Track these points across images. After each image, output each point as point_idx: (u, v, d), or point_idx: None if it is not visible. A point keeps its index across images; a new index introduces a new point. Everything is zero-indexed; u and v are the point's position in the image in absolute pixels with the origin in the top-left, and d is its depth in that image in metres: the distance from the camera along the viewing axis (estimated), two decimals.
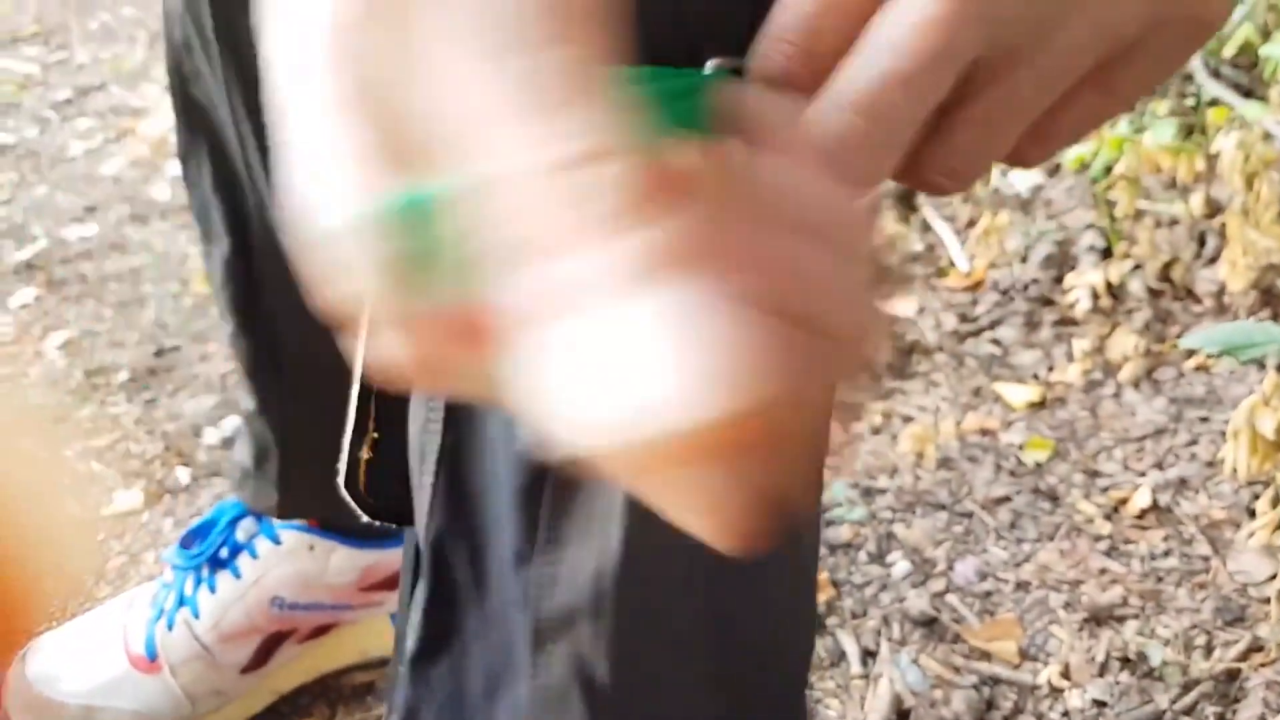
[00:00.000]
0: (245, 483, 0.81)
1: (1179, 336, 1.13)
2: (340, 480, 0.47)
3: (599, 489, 0.42)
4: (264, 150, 0.66)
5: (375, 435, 0.47)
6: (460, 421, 0.43)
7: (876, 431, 1.09)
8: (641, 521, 0.41)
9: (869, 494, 1.01)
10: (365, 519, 0.48)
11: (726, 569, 0.45)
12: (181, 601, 0.84)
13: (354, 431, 0.47)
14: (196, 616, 0.84)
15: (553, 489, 0.42)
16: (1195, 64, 1.42)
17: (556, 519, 0.42)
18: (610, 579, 0.42)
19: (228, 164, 0.69)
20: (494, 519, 0.44)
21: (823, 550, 0.95)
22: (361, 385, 0.46)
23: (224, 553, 0.85)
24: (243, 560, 0.85)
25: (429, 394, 0.44)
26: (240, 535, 0.86)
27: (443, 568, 0.46)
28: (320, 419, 0.60)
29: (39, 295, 1.52)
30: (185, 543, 0.86)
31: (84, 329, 1.42)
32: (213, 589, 0.83)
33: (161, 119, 2.11)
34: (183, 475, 1.12)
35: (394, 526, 0.48)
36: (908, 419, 1.09)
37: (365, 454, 0.47)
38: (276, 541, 0.85)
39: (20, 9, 3.01)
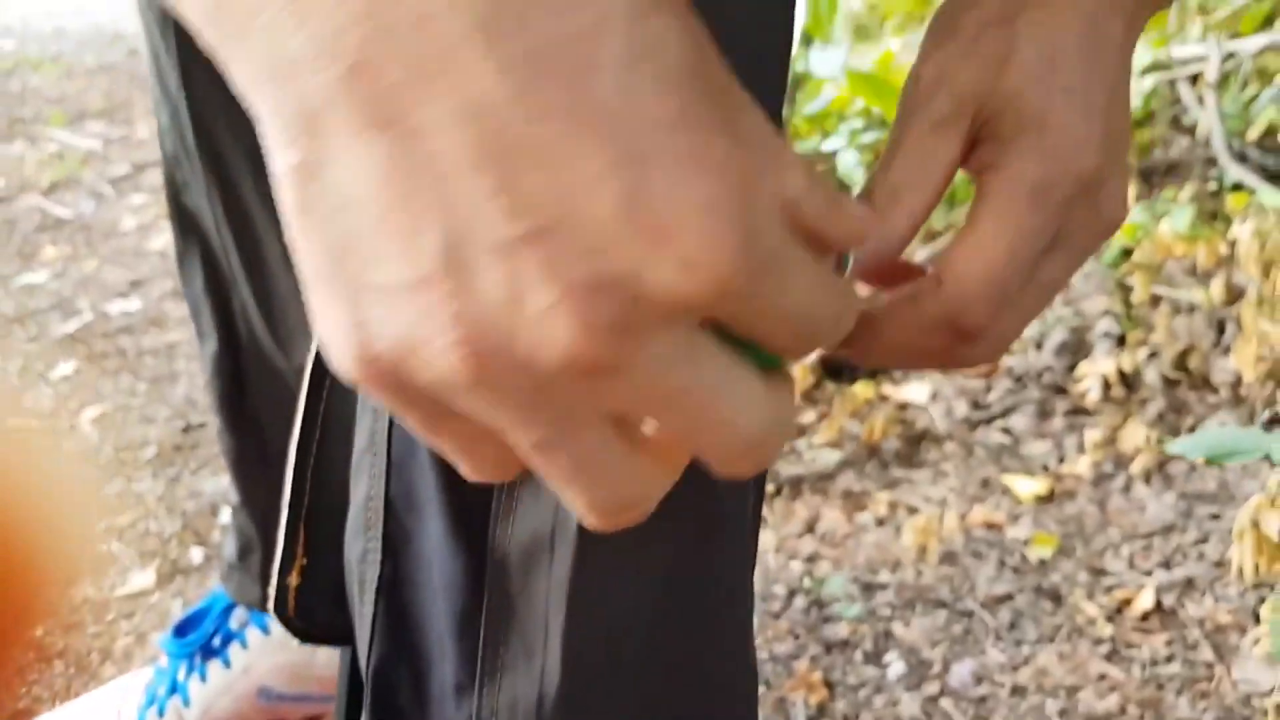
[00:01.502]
0: (230, 576, 0.83)
1: (1193, 427, 1.11)
2: (270, 606, 0.49)
3: (536, 612, 0.42)
4: (242, 255, 0.68)
5: (304, 561, 0.49)
6: (398, 551, 0.44)
7: (881, 523, 1.08)
8: (581, 642, 0.42)
9: (869, 589, 1.00)
10: (297, 642, 0.49)
11: (668, 679, 0.45)
12: (174, 688, 0.85)
13: (283, 558, 0.48)
14: (187, 704, 0.85)
15: (488, 617, 0.42)
16: (1218, 147, 1.40)
17: (494, 647, 0.43)
18: (551, 703, 0.42)
19: (216, 267, 0.72)
20: (434, 646, 0.44)
21: (819, 649, 0.94)
22: (290, 513, 0.47)
23: (216, 641, 0.87)
24: (234, 649, 0.86)
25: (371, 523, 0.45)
26: (233, 624, 0.87)
27: (385, 694, 0.46)
28: None
29: (79, 368, 1.57)
30: (180, 630, 0.88)
31: (118, 403, 1.46)
32: (203, 677, 0.85)
33: None
34: (196, 555, 1.15)
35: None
36: (913, 510, 1.08)
37: (294, 580, 0.48)
38: (266, 631, 0.86)
39: (91, 85, 3.16)
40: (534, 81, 0.20)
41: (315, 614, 0.49)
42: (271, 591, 0.47)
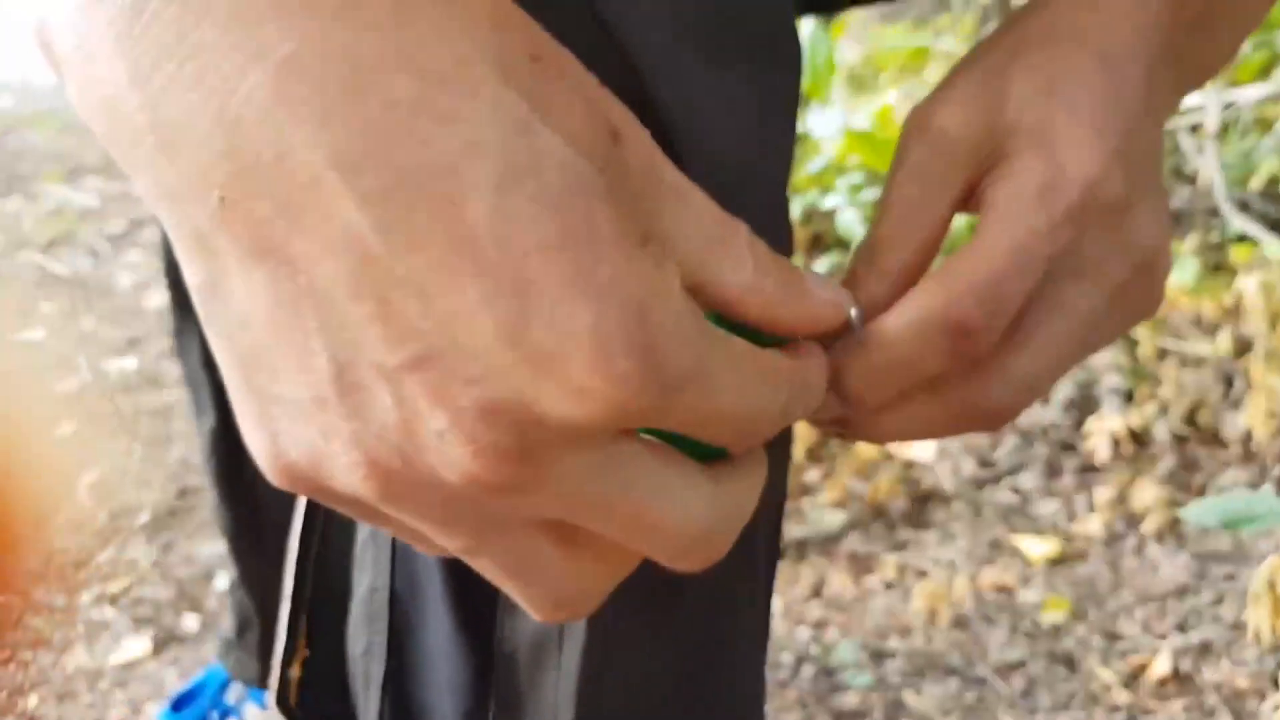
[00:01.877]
0: (229, 652, 0.81)
1: (1204, 485, 1.10)
2: (272, 699, 0.47)
3: (544, 707, 0.41)
4: None
5: (305, 653, 0.47)
6: (403, 644, 0.43)
7: (890, 587, 1.06)
8: None
9: (879, 657, 0.98)
10: None
11: None
12: None
13: (285, 651, 0.47)
14: None
15: (496, 714, 0.41)
16: (1220, 197, 1.40)
17: None
18: None
19: None
20: None
21: (828, 719, 0.92)
22: (291, 605, 0.46)
23: (214, 716, 0.85)
24: None
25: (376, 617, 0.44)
26: (230, 699, 0.86)
27: None
28: None
29: (76, 430, 1.56)
30: (177, 705, 0.86)
31: (113, 466, 1.45)
32: None
33: None
34: (191, 622, 1.13)
35: None
36: (922, 573, 1.06)
37: (296, 672, 0.47)
38: (264, 706, 0.84)
39: (87, 141, 3.17)
40: (399, 213, 0.19)
41: (317, 704, 0.48)
42: (273, 684, 0.46)
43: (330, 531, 0.50)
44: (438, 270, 0.19)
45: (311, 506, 0.50)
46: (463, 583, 0.40)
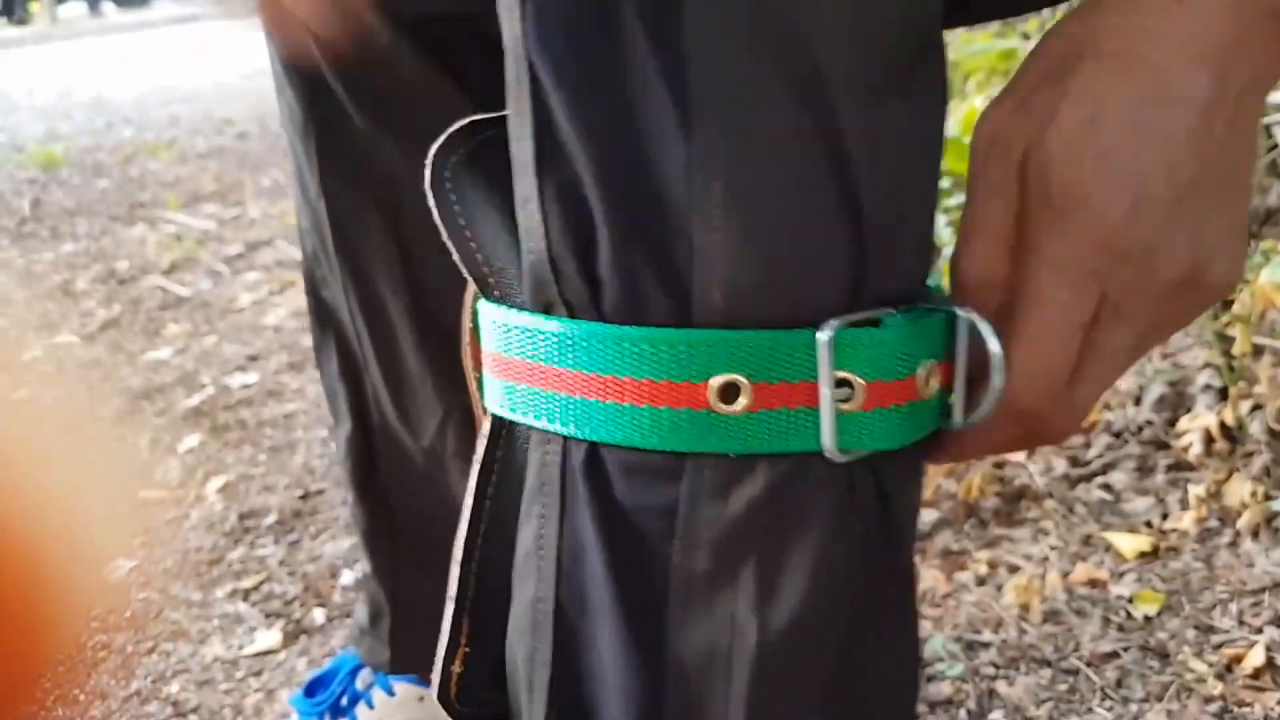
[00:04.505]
0: (361, 639, 0.87)
1: None
2: (434, 692, 0.50)
3: (715, 714, 0.41)
4: (375, 343, 0.74)
5: (466, 650, 0.50)
6: (568, 653, 0.43)
7: (981, 582, 1.08)
8: None
9: (971, 648, 1.01)
10: (419, 702, 0.52)
11: None
12: None
13: (448, 647, 0.50)
14: None
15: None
16: None
17: None
18: None
19: (351, 356, 0.77)
20: None
21: (922, 707, 0.95)
22: (455, 607, 0.49)
23: (344, 701, 0.92)
24: (360, 709, 0.91)
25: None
26: (359, 685, 0.92)
27: None
28: (427, 585, 0.63)
29: (203, 440, 1.67)
30: (309, 690, 0.93)
31: (240, 473, 1.54)
32: None
33: None
34: (318, 616, 1.21)
35: None
36: (1014, 568, 1.09)
37: (457, 667, 0.50)
38: (390, 693, 0.91)
39: (202, 169, 3.34)
40: None
41: (475, 696, 0.50)
42: (435, 678, 0.48)
43: (492, 536, 0.51)
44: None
45: (473, 523, 0.52)
46: (633, 598, 0.41)
